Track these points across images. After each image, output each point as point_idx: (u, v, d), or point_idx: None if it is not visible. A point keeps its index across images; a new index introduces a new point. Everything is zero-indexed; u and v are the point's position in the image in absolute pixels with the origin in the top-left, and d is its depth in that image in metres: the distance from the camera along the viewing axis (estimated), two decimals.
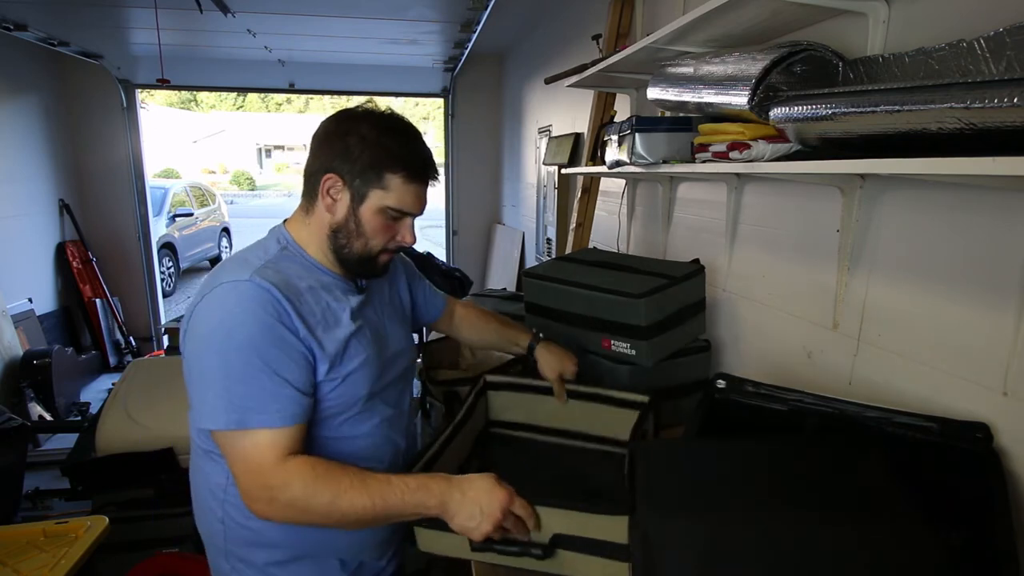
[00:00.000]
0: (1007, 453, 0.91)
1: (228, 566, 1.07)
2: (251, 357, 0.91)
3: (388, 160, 0.99)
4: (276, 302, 0.94)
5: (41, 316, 4.61)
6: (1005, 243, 0.92)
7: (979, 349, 0.96)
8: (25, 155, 4.59)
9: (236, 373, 0.91)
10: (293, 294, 0.97)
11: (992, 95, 0.68)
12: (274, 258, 1.01)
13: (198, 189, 10.04)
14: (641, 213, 2.32)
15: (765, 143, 1.20)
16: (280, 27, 3.95)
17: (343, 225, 1.03)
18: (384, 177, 1.00)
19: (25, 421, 2.71)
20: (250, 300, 0.93)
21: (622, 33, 2.33)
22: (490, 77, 5.65)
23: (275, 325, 0.93)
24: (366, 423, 1.07)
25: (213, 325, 0.93)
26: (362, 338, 1.05)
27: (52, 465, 3.01)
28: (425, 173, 1.03)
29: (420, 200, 1.05)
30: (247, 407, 0.90)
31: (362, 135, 0.99)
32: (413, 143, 1.03)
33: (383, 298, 1.20)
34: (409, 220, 1.06)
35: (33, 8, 3.59)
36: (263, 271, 0.96)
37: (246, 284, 0.94)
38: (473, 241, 5.96)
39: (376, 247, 1.05)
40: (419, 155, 1.03)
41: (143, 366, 2.82)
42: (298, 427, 0.95)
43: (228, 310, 0.93)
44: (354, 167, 0.99)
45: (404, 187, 1.01)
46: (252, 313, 0.92)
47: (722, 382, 1.16)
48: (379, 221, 1.02)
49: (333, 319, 1.02)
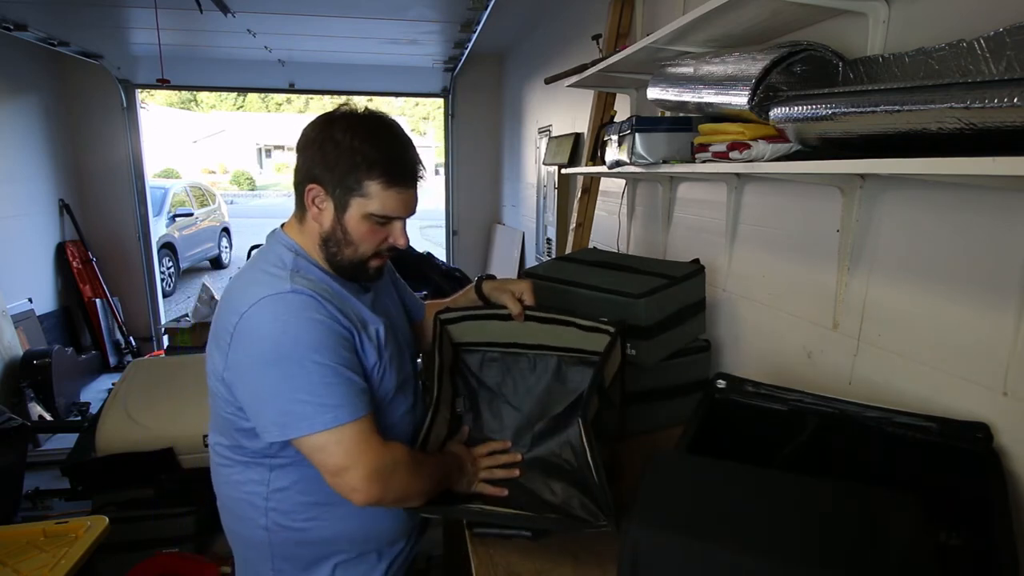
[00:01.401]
0: (1007, 453, 0.91)
1: (272, 571, 1.09)
2: (324, 359, 0.94)
3: (364, 166, 0.96)
4: (322, 306, 0.97)
5: (41, 316, 4.61)
6: (1005, 243, 0.92)
7: (979, 349, 0.96)
8: (25, 155, 4.59)
9: (316, 377, 0.93)
10: (330, 297, 0.99)
11: (992, 95, 0.68)
12: (295, 266, 1.02)
13: (198, 189, 10.04)
14: (641, 213, 2.32)
15: (765, 143, 1.20)
16: (280, 27, 3.95)
17: (331, 234, 1.02)
18: (363, 184, 0.97)
19: (25, 421, 2.71)
20: (302, 307, 0.95)
21: (622, 33, 2.33)
22: (490, 77, 5.65)
23: (333, 326, 0.97)
24: (394, 414, 1.12)
25: (276, 338, 0.94)
26: (385, 332, 1.08)
27: (52, 465, 3.01)
28: (404, 175, 1.00)
29: (405, 203, 1.02)
30: (337, 404, 0.94)
31: (336, 141, 0.97)
32: (389, 144, 0.99)
33: (386, 292, 1.24)
34: (398, 223, 1.04)
35: (33, 8, 3.59)
36: (297, 280, 0.98)
37: (291, 295, 0.95)
38: (473, 241, 5.96)
39: (367, 253, 1.04)
40: (397, 157, 0.99)
41: (143, 366, 2.82)
42: (371, 416, 0.99)
43: (286, 320, 0.94)
44: (333, 176, 0.98)
45: (384, 192, 0.98)
46: (310, 319, 0.95)
47: (722, 382, 1.16)
48: (365, 228, 1.01)
49: (359, 319, 1.04)
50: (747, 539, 0.73)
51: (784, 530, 0.74)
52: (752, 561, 0.70)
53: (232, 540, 1.14)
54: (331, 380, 0.94)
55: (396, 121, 1.03)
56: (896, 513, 0.74)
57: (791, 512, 0.77)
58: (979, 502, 0.86)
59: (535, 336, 1.30)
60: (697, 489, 0.84)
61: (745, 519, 0.76)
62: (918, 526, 0.73)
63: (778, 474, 0.89)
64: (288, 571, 1.09)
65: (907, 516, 0.73)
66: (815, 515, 0.76)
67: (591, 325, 1.22)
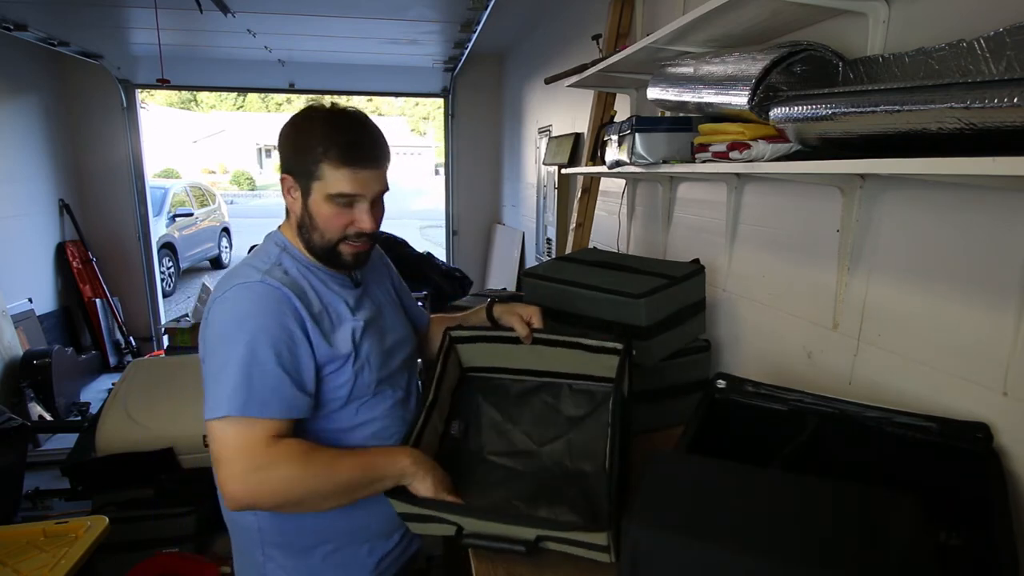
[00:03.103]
0: (1007, 453, 0.91)
1: (262, 556, 1.11)
2: (259, 350, 0.96)
3: (319, 149, 1.00)
4: (287, 300, 1.00)
5: (41, 316, 4.61)
6: (1005, 243, 0.92)
7: (979, 349, 0.96)
8: (25, 155, 4.59)
9: (244, 365, 0.95)
10: (300, 292, 1.03)
11: (992, 95, 0.68)
12: (277, 260, 1.07)
13: (198, 189, 10.04)
14: (641, 213, 2.32)
15: (765, 143, 1.20)
16: (280, 27, 3.95)
17: (302, 220, 1.08)
18: (318, 166, 1.01)
19: (25, 421, 2.71)
20: (263, 298, 0.99)
21: (622, 33, 2.33)
22: (490, 77, 5.65)
23: (286, 322, 0.99)
24: (379, 407, 1.13)
25: (227, 322, 0.99)
26: (364, 330, 1.10)
27: (52, 465, 3.02)
28: (358, 155, 1.02)
29: (360, 182, 1.03)
30: (249, 397, 0.95)
31: (300, 130, 1.03)
32: (345, 128, 1.02)
33: (381, 290, 1.25)
34: (361, 205, 1.05)
35: (33, 8, 3.59)
36: (271, 272, 1.03)
37: (258, 284, 1.00)
38: (473, 241, 5.96)
39: (333, 237, 1.06)
40: (350, 139, 1.02)
41: (143, 366, 2.82)
42: (291, 422, 1.00)
43: (242, 307, 0.99)
44: (295, 164, 1.04)
45: (337, 172, 1.01)
46: (264, 309, 0.98)
47: (722, 382, 1.16)
48: (328, 211, 1.04)
49: (335, 314, 1.08)
50: (747, 539, 0.73)
51: (784, 530, 0.74)
52: (752, 561, 0.70)
53: (228, 524, 1.17)
54: (257, 372, 0.95)
55: (363, 113, 1.07)
56: (896, 513, 0.74)
57: (791, 512, 0.77)
58: (979, 502, 0.86)
59: (544, 361, 1.32)
60: (697, 489, 0.83)
61: (745, 519, 0.76)
62: (918, 526, 0.72)
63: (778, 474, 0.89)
64: (278, 557, 1.10)
65: (907, 516, 0.73)
66: (815, 515, 0.76)
67: (597, 346, 1.24)
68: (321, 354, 1.03)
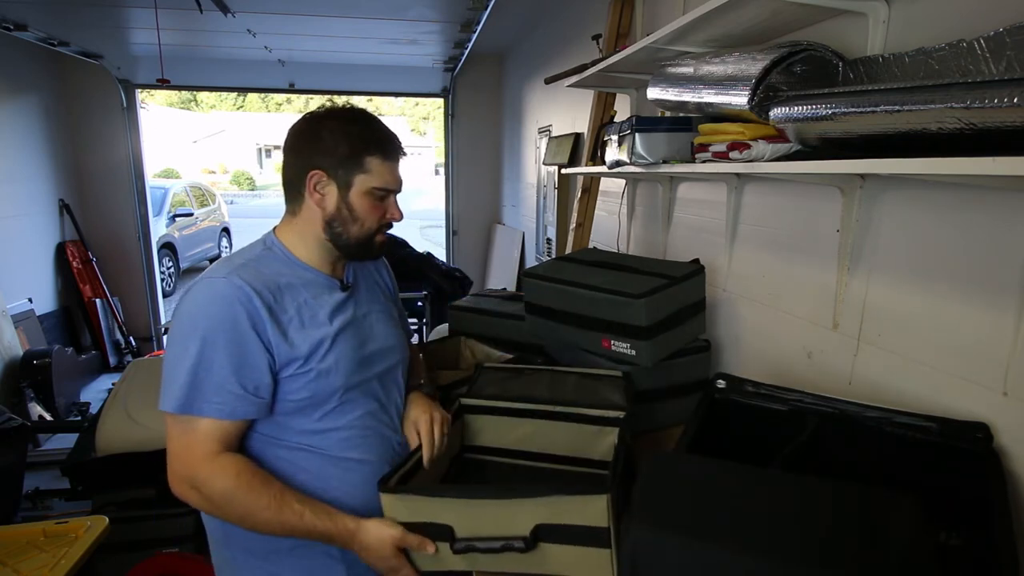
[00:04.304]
0: (1007, 453, 0.91)
1: (230, 554, 1.12)
2: (207, 347, 0.97)
3: (363, 146, 1.07)
4: (247, 300, 0.99)
5: (41, 316, 4.61)
6: (1005, 243, 0.92)
7: (979, 349, 0.96)
8: (25, 155, 4.59)
9: (191, 361, 0.96)
10: (269, 291, 1.03)
11: (992, 95, 0.68)
12: (256, 258, 1.08)
13: (198, 189, 10.04)
14: (641, 213, 2.32)
15: (765, 143, 1.20)
16: (280, 27, 3.95)
17: (336, 215, 1.09)
18: (364, 161, 1.07)
19: (25, 421, 2.71)
20: (220, 295, 0.99)
21: (622, 33, 2.33)
22: (490, 77, 5.65)
23: (239, 321, 0.98)
24: (347, 415, 1.10)
25: (183, 318, 1.00)
26: (339, 335, 1.09)
27: (52, 465, 3.01)
28: (396, 150, 1.11)
29: (398, 176, 1.13)
30: (192, 395, 0.96)
31: (331, 128, 1.07)
32: (378, 127, 1.11)
33: (371, 296, 1.23)
34: (393, 197, 1.14)
35: (33, 8, 3.59)
36: (241, 269, 1.03)
37: (220, 281, 1.00)
38: (473, 241, 5.96)
39: (371, 227, 1.11)
40: (387, 136, 1.11)
41: (143, 366, 2.81)
42: (236, 424, 1.01)
43: (199, 305, 1.00)
44: (334, 159, 1.06)
45: (382, 166, 1.09)
46: (219, 306, 0.98)
47: (722, 382, 1.16)
48: (368, 203, 1.09)
49: (310, 316, 1.07)
50: (747, 539, 0.73)
51: (784, 530, 0.74)
52: (752, 561, 0.70)
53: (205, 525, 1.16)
54: (203, 369, 0.96)
55: None
56: (896, 513, 0.74)
57: (791, 512, 0.77)
58: (979, 502, 0.86)
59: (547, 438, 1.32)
60: (697, 489, 0.83)
61: (745, 519, 0.76)
62: (918, 526, 0.72)
63: (778, 474, 0.89)
64: (240, 559, 1.10)
65: (907, 516, 0.73)
66: (815, 515, 0.76)
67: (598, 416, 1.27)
68: (280, 355, 1.02)
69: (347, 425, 1.10)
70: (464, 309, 2.03)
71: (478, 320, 1.97)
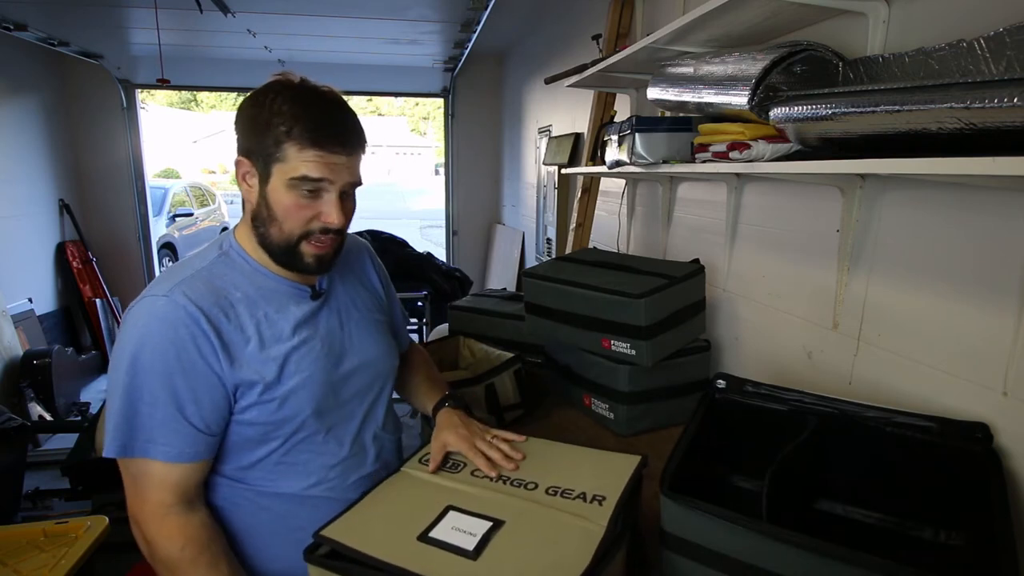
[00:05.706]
0: (1007, 453, 0.91)
1: None
2: (151, 383, 0.85)
3: (283, 127, 0.86)
4: (193, 323, 0.86)
5: (41, 316, 4.61)
6: (1005, 243, 0.92)
7: (979, 349, 0.96)
8: (25, 155, 4.59)
9: (133, 399, 0.85)
10: (219, 309, 0.89)
11: (992, 95, 0.68)
12: (208, 266, 0.93)
13: (198, 189, 10.03)
14: (641, 213, 2.32)
15: (765, 143, 1.19)
16: (280, 27, 3.95)
17: (258, 211, 0.92)
18: (281, 147, 0.87)
19: (25, 421, 2.71)
20: (161, 320, 0.86)
21: (622, 33, 2.33)
22: (490, 77, 5.65)
23: (185, 350, 0.86)
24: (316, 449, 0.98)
25: (123, 343, 0.87)
26: (306, 352, 0.96)
27: (52, 465, 3.01)
28: (328, 135, 0.88)
29: (328, 167, 0.88)
30: (134, 436, 0.86)
31: (258, 105, 0.88)
32: (313, 104, 0.88)
33: (352, 303, 1.07)
34: (329, 196, 0.90)
35: (33, 8, 3.59)
36: (187, 284, 0.89)
37: (162, 301, 0.86)
38: (473, 241, 5.96)
39: (294, 232, 0.91)
40: (320, 117, 0.88)
41: None
42: (190, 467, 0.89)
43: (139, 329, 0.86)
44: (255, 145, 0.89)
45: (302, 153, 0.87)
46: (162, 335, 0.85)
47: (722, 382, 1.16)
48: (289, 200, 0.89)
49: (271, 334, 0.93)
50: None
51: None
52: None
53: None
54: (146, 408, 0.86)
55: (338, 93, 0.93)
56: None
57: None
58: (979, 502, 0.86)
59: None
60: None
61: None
62: None
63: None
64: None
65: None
66: None
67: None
68: (235, 384, 0.89)
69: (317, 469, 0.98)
70: (464, 309, 2.03)
71: (478, 320, 1.97)
